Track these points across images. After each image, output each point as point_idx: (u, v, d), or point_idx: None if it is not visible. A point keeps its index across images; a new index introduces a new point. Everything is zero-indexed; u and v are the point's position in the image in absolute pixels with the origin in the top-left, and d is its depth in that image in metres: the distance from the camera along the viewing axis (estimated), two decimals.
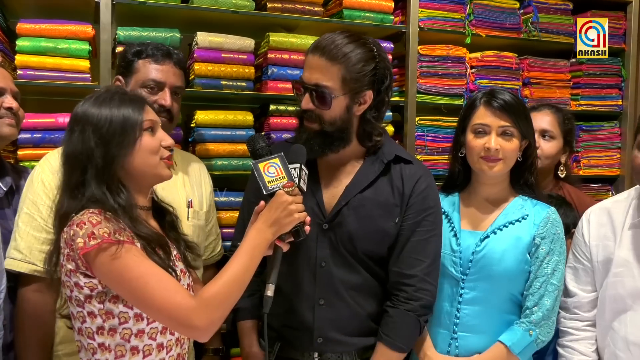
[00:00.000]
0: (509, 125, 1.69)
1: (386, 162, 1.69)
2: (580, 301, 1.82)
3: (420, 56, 2.61)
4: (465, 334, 1.71)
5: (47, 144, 2.06)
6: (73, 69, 2.14)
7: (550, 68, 2.89)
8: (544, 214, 1.73)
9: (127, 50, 1.83)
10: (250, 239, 1.41)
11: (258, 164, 1.48)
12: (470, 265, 1.70)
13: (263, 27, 2.44)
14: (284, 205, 1.43)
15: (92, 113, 1.39)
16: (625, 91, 3.00)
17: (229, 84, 2.34)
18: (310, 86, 1.59)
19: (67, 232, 1.32)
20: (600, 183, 3.02)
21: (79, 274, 1.32)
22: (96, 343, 1.35)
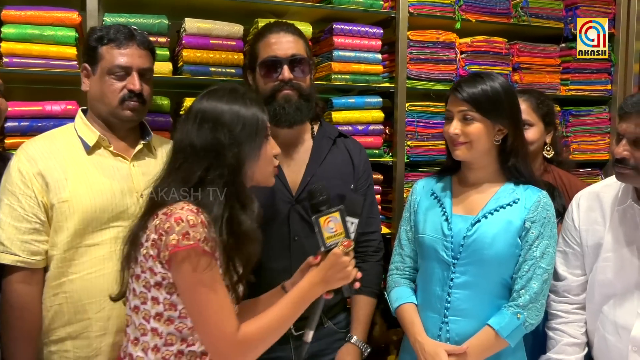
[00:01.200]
0: (466, 109, 1.70)
1: (333, 138, 1.96)
2: (570, 285, 1.83)
3: (410, 42, 2.60)
4: (456, 318, 1.71)
5: (35, 132, 2.03)
6: (60, 56, 2.11)
7: (540, 53, 2.89)
8: (535, 197, 1.73)
9: (90, 36, 1.79)
10: (302, 291, 1.46)
11: (319, 219, 1.50)
12: (462, 250, 1.71)
13: (252, 13, 2.42)
14: (342, 266, 1.48)
15: (223, 110, 1.41)
16: (615, 76, 3.01)
17: (218, 71, 2.32)
18: (288, 58, 1.81)
19: (161, 219, 1.35)
20: (590, 167, 3.03)
21: (157, 262, 1.36)
22: (149, 326, 1.40)
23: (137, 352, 1.42)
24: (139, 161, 1.82)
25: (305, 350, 1.52)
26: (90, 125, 1.78)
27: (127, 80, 1.76)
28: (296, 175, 1.88)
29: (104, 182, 1.72)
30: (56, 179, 1.68)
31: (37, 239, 1.67)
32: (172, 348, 1.40)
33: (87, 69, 1.79)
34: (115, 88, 1.75)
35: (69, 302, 1.69)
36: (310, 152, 1.92)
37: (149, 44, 1.84)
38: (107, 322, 1.71)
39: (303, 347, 1.52)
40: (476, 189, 1.79)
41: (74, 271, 1.69)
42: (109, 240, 1.71)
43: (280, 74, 1.82)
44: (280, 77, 1.82)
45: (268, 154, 1.48)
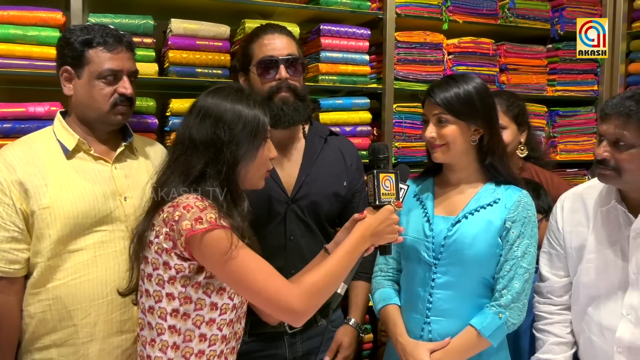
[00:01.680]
0: (439, 112, 1.70)
1: (325, 137, 1.98)
2: (553, 286, 1.84)
3: (398, 43, 2.61)
4: (438, 319, 1.71)
5: (18, 133, 2.00)
6: (43, 56, 2.08)
7: (527, 54, 2.90)
8: (516, 197, 1.73)
9: (72, 38, 1.73)
10: (354, 241, 1.50)
11: (380, 174, 1.55)
12: (442, 250, 1.71)
13: (239, 14, 2.41)
14: (391, 222, 1.53)
15: (226, 108, 1.44)
16: (601, 76, 3.04)
17: (204, 72, 2.31)
18: (284, 57, 1.83)
19: (169, 212, 1.37)
20: (577, 168, 3.06)
21: (174, 254, 1.38)
22: (166, 324, 1.40)
23: (155, 353, 1.42)
24: (121, 163, 1.79)
25: (337, 300, 1.57)
26: (70, 128, 1.75)
27: (119, 85, 1.74)
28: (290, 176, 1.90)
29: (85, 187, 1.69)
30: (36, 185, 1.65)
31: (15, 247, 1.64)
32: (192, 345, 1.41)
33: (70, 72, 1.74)
34: (106, 92, 1.72)
35: (53, 310, 1.66)
36: (303, 151, 1.94)
37: (133, 45, 1.82)
38: (93, 328, 1.68)
39: (335, 297, 1.55)
40: (457, 189, 1.79)
41: (57, 277, 1.66)
42: (92, 245, 1.68)
43: (277, 73, 1.84)
44: (278, 76, 1.84)
45: (265, 156, 1.50)
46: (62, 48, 1.75)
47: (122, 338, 1.71)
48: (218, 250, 1.35)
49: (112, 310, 1.69)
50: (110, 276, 1.69)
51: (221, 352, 1.46)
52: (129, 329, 1.72)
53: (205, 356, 1.43)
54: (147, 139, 1.98)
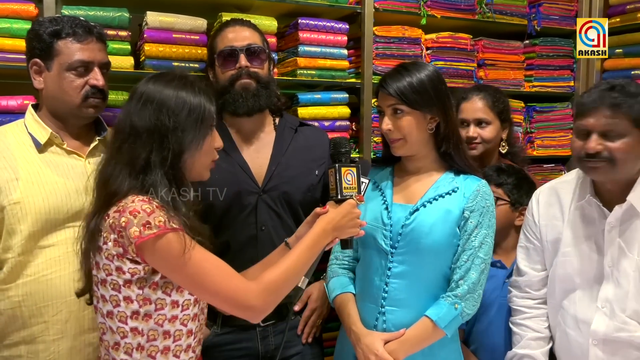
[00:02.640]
0: (394, 103, 1.69)
1: (294, 128, 2.00)
2: (531, 280, 1.86)
3: (376, 37, 2.60)
4: (393, 309, 1.70)
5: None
6: (16, 49, 2.03)
7: (504, 49, 2.92)
8: (474, 186, 1.73)
9: (40, 30, 1.70)
10: (315, 236, 1.50)
11: (342, 167, 1.56)
12: (400, 239, 1.70)
13: (216, 7, 2.38)
14: (353, 215, 1.54)
15: (168, 95, 1.39)
16: (577, 72, 3.07)
17: (181, 66, 2.28)
18: (244, 47, 1.87)
19: (115, 217, 1.33)
20: (553, 163, 3.09)
21: (126, 260, 1.34)
22: (128, 327, 1.38)
23: (121, 356, 1.39)
24: (95, 158, 1.76)
25: (299, 296, 1.57)
26: (42, 121, 1.72)
27: (90, 76, 1.70)
28: (261, 167, 1.91)
29: (57, 181, 1.67)
30: (6, 180, 1.62)
31: None
32: (157, 343, 1.39)
33: (40, 65, 1.71)
34: (77, 85, 1.69)
35: (22, 306, 1.63)
36: (273, 142, 1.96)
37: (104, 36, 1.79)
38: (64, 325, 1.65)
39: (296, 291, 1.54)
40: (416, 178, 1.78)
41: (28, 273, 1.63)
42: (64, 241, 1.66)
43: (237, 62, 1.87)
44: (237, 65, 1.87)
45: (210, 146, 1.47)
46: (31, 40, 1.72)
47: (94, 335, 1.69)
48: (170, 254, 1.32)
49: (84, 307, 1.65)
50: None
51: (188, 345, 1.44)
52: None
53: (171, 352, 1.41)
54: None
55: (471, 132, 2.26)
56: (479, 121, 2.27)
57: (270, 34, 2.39)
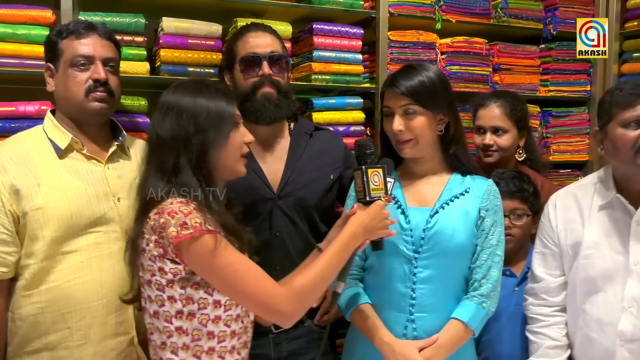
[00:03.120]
0: (407, 103, 1.66)
1: (309, 133, 2.00)
2: (549, 286, 1.83)
3: (391, 42, 2.60)
4: (422, 315, 1.66)
5: (8, 133, 1.98)
6: (33, 55, 2.05)
7: (520, 54, 2.90)
8: (485, 186, 1.74)
9: (50, 35, 1.74)
10: (345, 240, 1.49)
11: (368, 169, 1.54)
12: (423, 243, 1.67)
13: (230, 13, 2.39)
14: (383, 217, 1.53)
15: (187, 101, 1.44)
16: (594, 77, 3.04)
17: (196, 71, 2.29)
18: (267, 54, 1.87)
19: (155, 219, 1.37)
20: (570, 169, 3.06)
21: (167, 260, 1.37)
22: (173, 327, 1.40)
23: (167, 355, 1.42)
24: (114, 163, 1.77)
25: (336, 302, 1.55)
26: (61, 127, 1.72)
27: (91, 70, 1.70)
28: (276, 172, 1.91)
29: (78, 187, 1.67)
30: (28, 186, 1.62)
31: (3, 250, 1.61)
32: (201, 343, 1.41)
33: (51, 68, 1.74)
34: (79, 80, 1.69)
35: (45, 312, 1.63)
36: (287, 148, 1.96)
37: (110, 35, 1.79)
38: (88, 331, 1.65)
39: (335, 297, 1.54)
40: (425, 180, 1.75)
41: (51, 279, 1.63)
42: (87, 247, 1.66)
43: (260, 69, 1.86)
44: (260, 72, 1.87)
45: (236, 142, 1.49)
46: (45, 46, 1.76)
47: (117, 340, 1.69)
48: (205, 256, 1.35)
49: (107, 312, 1.67)
50: (106, 278, 1.67)
51: (232, 347, 1.46)
52: (124, 331, 1.71)
53: (216, 353, 1.43)
54: (137, 139, 1.96)
55: (487, 140, 2.23)
56: (496, 129, 2.24)
57: (285, 39, 2.38)
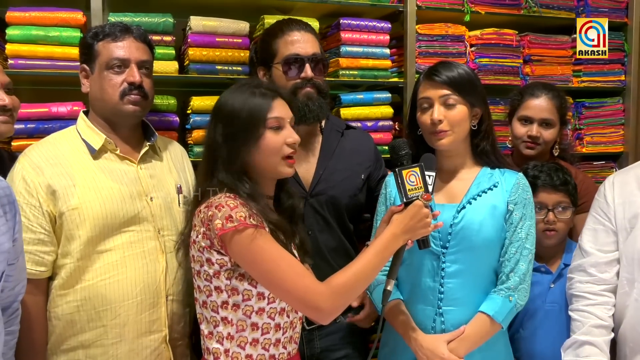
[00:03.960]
0: (449, 93, 1.67)
1: (341, 131, 2.00)
2: (598, 261, 1.79)
3: (419, 35, 2.57)
4: (450, 308, 1.69)
5: (41, 134, 2.02)
6: (65, 57, 2.10)
7: (552, 44, 2.84)
8: (514, 180, 1.73)
9: (86, 36, 1.76)
10: (385, 241, 1.51)
11: (402, 171, 1.55)
12: (450, 238, 1.68)
13: (258, 10, 2.39)
14: (422, 216, 1.53)
15: (226, 103, 1.52)
16: (628, 66, 2.95)
17: (225, 69, 2.30)
18: (310, 56, 1.86)
19: (204, 212, 1.44)
20: (604, 160, 2.98)
21: (213, 251, 1.43)
22: (219, 316, 1.46)
23: (213, 344, 1.48)
24: (146, 164, 1.79)
25: (388, 298, 1.57)
26: (95, 127, 1.74)
27: (126, 73, 1.72)
28: (308, 171, 1.92)
29: (112, 187, 1.69)
30: (64, 186, 1.64)
31: (41, 249, 1.64)
32: (245, 334, 1.46)
33: (86, 69, 1.76)
34: (115, 82, 1.71)
35: (81, 311, 1.65)
36: (319, 146, 1.96)
37: (145, 37, 1.80)
38: (123, 329, 1.67)
39: (386, 295, 1.55)
40: (455, 176, 1.76)
41: (86, 278, 1.65)
42: (121, 246, 1.68)
43: (303, 72, 1.86)
44: (303, 75, 1.86)
45: (270, 144, 1.50)
46: (80, 48, 1.79)
47: (151, 338, 1.71)
48: (248, 249, 1.39)
49: (141, 310, 1.69)
50: (140, 276, 1.69)
51: (277, 340, 1.49)
52: (157, 329, 1.72)
53: (260, 344, 1.47)
54: (167, 139, 1.98)
55: (535, 132, 2.17)
56: (545, 121, 2.19)
57: None
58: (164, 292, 1.72)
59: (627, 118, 2.95)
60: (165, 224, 1.75)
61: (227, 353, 1.47)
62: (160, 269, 1.72)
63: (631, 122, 2.92)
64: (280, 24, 1.94)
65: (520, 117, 2.22)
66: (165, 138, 1.99)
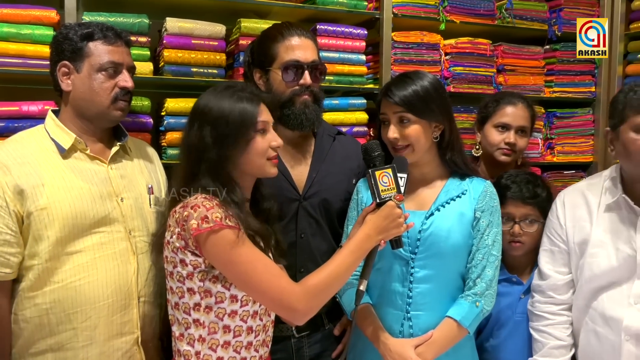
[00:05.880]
0: (400, 111, 1.70)
1: (333, 136, 2.01)
2: (556, 284, 1.84)
3: (394, 43, 2.60)
4: (418, 313, 1.71)
5: (11, 132, 1.97)
6: (37, 55, 2.06)
7: (525, 55, 2.89)
8: (481, 187, 1.77)
9: (70, 33, 1.71)
10: (358, 241, 1.53)
11: (375, 172, 1.57)
12: (419, 244, 1.71)
13: (234, 13, 2.40)
14: (395, 216, 1.55)
15: (211, 107, 1.50)
16: (599, 78, 3.03)
17: (200, 71, 2.29)
18: (309, 63, 1.84)
19: (179, 212, 1.44)
20: (574, 170, 3.04)
21: (188, 252, 1.43)
22: (191, 318, 1.46)
23: (184, 346, 1.48)
24: (117, 164, 1.77)
25: (361, 298, 1.58)
26: (64, 127, 1.72)
27: (119, 78, 1.72)
28: (301, 174, 1.92)
29: (82, 187, 1.67)
30: (32, 186, 1.61)
31: (7, 251, 1.60)
32: (217, 336, 1.46)
33: (69, 67, 1.71)
34: (107, 86, 1.70)
35: (50, 313, 1.62)
36: (312, 149, 1.96)
37: (131, 42, 1.82)
38: (94, 332, 1.64)
39: (359, 295, 1.56)
40: (424, 184, 1.80)
41: (55, 280, 1.62)
42: (92, 247, 1.65)
43: (302, 78, 1.84)
44: (302, 81, 1.85)
45: (259, 147, 1.52)
46: (60, 43, 1.73)
47: (122, 340, 1.69)
48: (223, 250, 1.40)
49: (112, 312, 1.66)
50: (111, 278, 1.67)
51: (249, 343, 1.50)
52: (129, 331, 1.70)
53: (231, 347, 1.47)
54: (137, 140, 1.96)
55: (512, 139, 2.19)
56: (522, 129, 2.21)
57: None
58: (136, 294, 1.70)
59: (597, 129, 3.02)
60: (136, 224, 1.74)
61: (198, 355, 1.47)
62: (132, 271, 1.70)
63: (601, 132, 2.98)
64: (280, 27, 1.91)
65: (496, 124, 2.23)
66: (136, 139, 1.97)
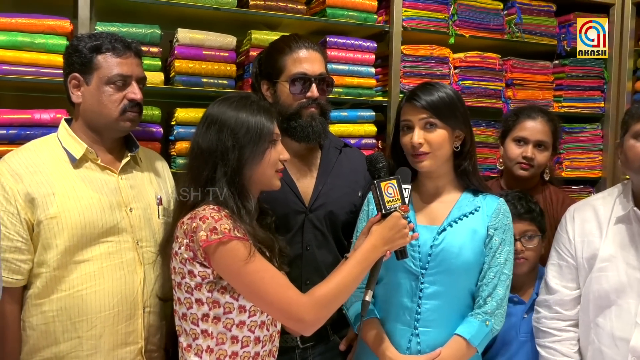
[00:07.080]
0: (427, 116, 1.69)
1: (339, 148, 2.01)
2: (563, 299, 1.81)
3: (404, 56, 2.61)
4: (426, 329, 1.69)
5: (23, 140, 2.00)
6: (50, 64, 2.09)
7: (534, 69, 2.89)
8: (495, 205, 1.75)
9: (80, 45, 1.72)
10: (365, 252, 1.54)
11: (380, 183, 1.58)
12: (430, 260, 1.69)
13: (245, 25, 2.42)
14: (400, 227, 1.56)
15: (229, 116, 1.52)
16: (608, 93, 3.02)
17: (210, 82, 2.31)
18: (317, 76, 1.84)
19: (187, 223, 1.45)
20: (582, 185, 3.03)
21: (196, 263, 1.44)
22: (199, 329, 1.47)
23: (192, 357, 1.48)
24: (127, 174, 1.78)
25: (367, 308, 1.59)
26: (76, 136, 1.73)
27: (128, 90, 1.73)
28: (308, 186, 1.92)
29: (92, 197, 1.68)
30: (43, 195, 1.63)
31: (18, 258, 1.62)
32: (225, 347, 1.47)
33: (79, 79, 1.73)
34: (115, 98, 1.71)
35: (56, 321, 1.63)
36: (319, 162, 1.96)
37: (141, 53, 1.82)
38: (98, 341, 1.65)
39: (364, 305, 1.57)
40: (437, 198, 1.78)
41: (63, 288, 1.63)
42: (99, 256, 1.66)
43: (309, 91, 1.84)
44: (309, 94, 1.84)
45: (271, 159, 1.55)
46: (70, 55, 1.74)
47: (127, 350, 1.70)
48: (232, 261, 1.41)
49: (117, 322, 1.67)
50: (117, 288, 1.67)
51: (256, 354, 1.50)
52: (133, 341, 1.71)
53: (239, 357, 1.48)
54: (148, 150, 1.98)
55: (530, 153, 2.17)
56: (540, 143, 2.20)
57: None
58: (141, 304, 1.71)
59: (606, 144, 3.01)
60: (144, 235, 1.75)
61: None
62: (138, 281, 1.71)
63: (609, 148, 2.98)
64: (288, 39, 1.91)
65: (515, 138, 2.22)
66: (147, 149, 1.98)
